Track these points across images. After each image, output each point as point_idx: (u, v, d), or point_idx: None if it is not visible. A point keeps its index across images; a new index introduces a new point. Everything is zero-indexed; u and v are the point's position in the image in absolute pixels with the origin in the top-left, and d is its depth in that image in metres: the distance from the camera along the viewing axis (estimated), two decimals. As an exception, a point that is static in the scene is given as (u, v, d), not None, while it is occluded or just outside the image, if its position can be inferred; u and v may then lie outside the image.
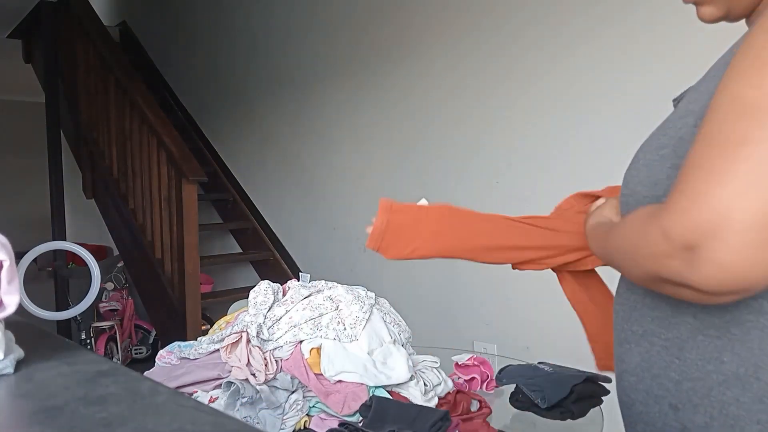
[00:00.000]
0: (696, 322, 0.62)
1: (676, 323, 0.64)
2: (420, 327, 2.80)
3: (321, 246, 3.63)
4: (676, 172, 0.61)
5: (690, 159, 0.55)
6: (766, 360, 0.57)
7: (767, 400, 0.57)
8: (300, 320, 1.27)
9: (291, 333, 1.26)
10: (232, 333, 1.26)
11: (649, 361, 0.67)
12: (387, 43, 3.13)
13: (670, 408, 0.64)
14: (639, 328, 0.69)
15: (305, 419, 1.17)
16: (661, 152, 0.66)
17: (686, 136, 0.63)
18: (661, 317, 0.66)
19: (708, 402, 0.61)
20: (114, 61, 3.77)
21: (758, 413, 0.57)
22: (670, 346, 0.64)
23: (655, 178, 0.66)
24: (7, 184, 6.67)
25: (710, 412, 0.60)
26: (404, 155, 3.06)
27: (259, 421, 1.13)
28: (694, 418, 0.62)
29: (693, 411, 0.62)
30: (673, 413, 0.64)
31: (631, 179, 0.70)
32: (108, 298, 4.57)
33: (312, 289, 1.38)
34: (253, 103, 4.11)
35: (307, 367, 1.22)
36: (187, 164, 3.16)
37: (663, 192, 0.64)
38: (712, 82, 0.62)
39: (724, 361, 0.60)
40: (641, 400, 0.68)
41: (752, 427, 0.58)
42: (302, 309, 1.30)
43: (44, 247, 3.00)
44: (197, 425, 0.45)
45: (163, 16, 5.15)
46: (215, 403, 1.18)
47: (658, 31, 2.04)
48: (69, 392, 0.52)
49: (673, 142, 0.64)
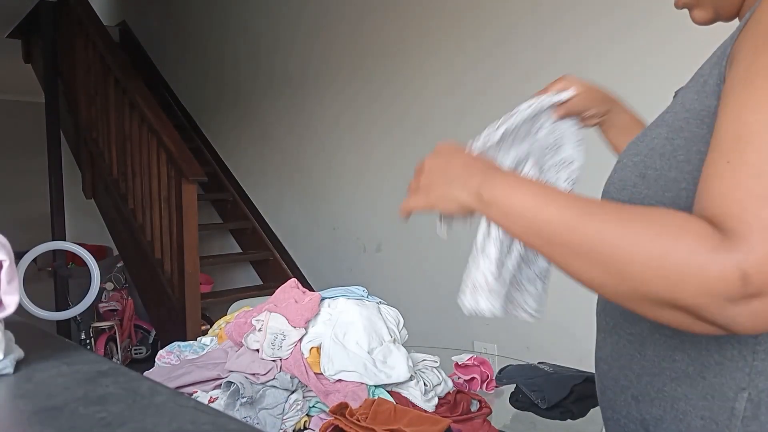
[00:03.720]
0: (655, 321, 0.62)
1: (638, 320, 0.67)
2: (420, 327, 2.81)
3: (321, 246, 3.63)
4: (642, 182, 0.63)
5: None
6: (711, 360, 0.60)
7: (710, 397, 0.60)
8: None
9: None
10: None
11: (618, 353, 0.70)
12: (387, 43, 3.13)
13: (632, 399, 0.68)
14: (611, 320, 0.71)
15: (305, 419, 1.17)
16: (634, 159, 0.67)
17: (657, 148, 0.63)
18: (627, 313, 0.68)
19: (662, 396, 0.64)
20: (113, 61, 3.77)
21: (702, 410, 0.61)
22: (633, 340, 0.68)
23: (624, 182, 0.66)
24: (7, 184, 6.66)
25: (663, 405, 0.64)
26: (404, 155, 3.06)
27: (258, 421, 1.13)
28: (651, 410, 0.65)
29: (650, 404, 0.65)
30: (635, 404, 0.67)
31: (610, 178, 0.71)
32: (108, 298, 4.57)
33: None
34: (253, 103, 4.12)
35: (307, 366, 1.22)
36: (186, 164, 3.16)
37: (628, 198, 0.64)
38: (686, 94, 0.63)
39: (675, 359, 0.63)
40: (611, 388, 0.71)
41: (697, 422, 0.61)
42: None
43: (44, 247, 3.00)
44: (197, 425, 0.45)
45: (163, 16, 5.15)
46: (215, 403, 1.18)
47: (656, 27, 2.04)
48: (68, 392, 0.52)
49: (645, 152, 0.65)
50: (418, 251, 2.99)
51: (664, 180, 0.61)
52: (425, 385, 1.29)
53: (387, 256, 3.19)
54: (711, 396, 0.60)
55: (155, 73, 5.15)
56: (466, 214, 0.69)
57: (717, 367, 0.60)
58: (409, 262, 3.04)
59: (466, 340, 2.65)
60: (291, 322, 1.25)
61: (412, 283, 3.00)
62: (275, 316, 1.26)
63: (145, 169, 3.55)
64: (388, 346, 1.30)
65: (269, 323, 1.25)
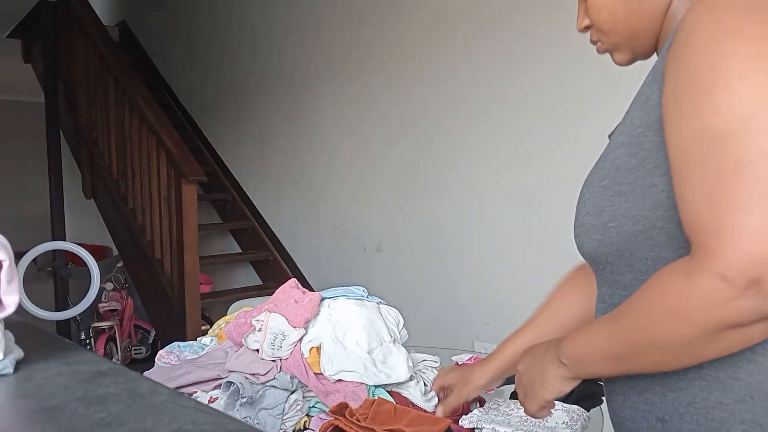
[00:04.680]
0: (727, 354, 0.63)
1: None
2: (420, 327, 2.81)
3: (320, 246, 3.63)
4: (618, 199, 0.66)
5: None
6: (743, 359, 0.59)
7: (748, 399, 0.59)
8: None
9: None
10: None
11: (634, 379, 0.68)
12: (387, 43, 3.13)
13: (658, 421, 0.66)
14: None
15: (305, 419, 1.17)
16: (601, 183, 0.69)
17: (622, 166, 0.66)
18: None
19: (693, 409, 0.62)
20: (113, 61, 3.77)
21: (741, 413, 0.59)
22: None
23: (599, 206, 0.69)
24: (7, 184, 6.66)
25: (696, 418, 0.62)
26: (404, 155, 3.06)
27: (258, 421, 1.13)
28: (681, 427, 0.63)
29: (680, 420, 0.63)
30: (661, 425, 0.65)
31: (580, 211, 0.74)
32: (107, 298, 4.57)
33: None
34: (253, 103, 4.12)
35: (307, 366, 1.22)
36: (186, 164, 3.16)
37: (608, 218, 0.67)
38: (634, 114, 0.67)
39: (702, 366, 0.61)
40: (629, 417, 0.70)
41: (737, 427, 0.59)
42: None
43: (44, 247, 3.01)
44: (197, 425, 0.45)
45: (163, 16, 5.15)
46: (215, 404, 1.18)
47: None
48: (68, 392, 0.52)
49: (611, 173, 0.68)
50: (418, 251, 2.99)
51: (640, 189, 0.64)
52: (425, 385, 1.29)
53: (387, 256, 3.19)
54: (750, 397, 0.59)
55: (155, 73, 5.15)
56: (568, 387, 0.75)
57: (750, 365, 0.59)
58: (409, 262, 3.04)
59: (466, 340, 2.65)
60: (291, 322, 1.25)
61: (412, 283, 3.00)
62: (275, 316, 1.26)
63: (145, 169, 3.55)
64: (388, 346, 1.30)
65: (269, 323, 1.25)
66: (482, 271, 2.68)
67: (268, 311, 1.28)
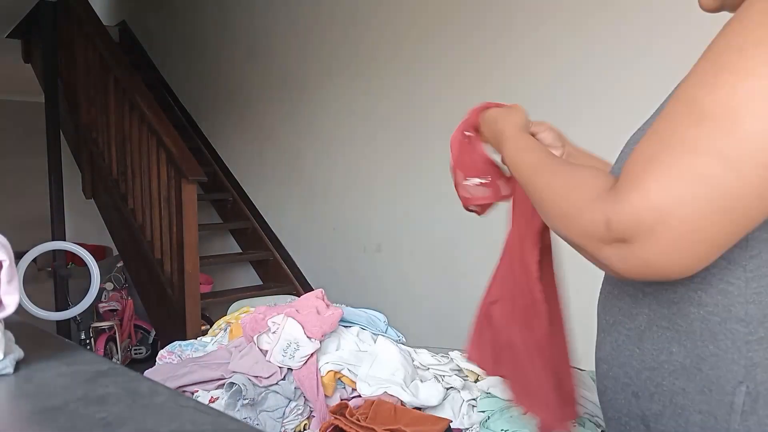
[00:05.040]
0: (651, 313, 0.65)
1: (636, 314, 0.67)
2: (420, 327, 2.81)
3: (321, 246, 3.63)
4: None
5: (643, 150, 0.56)
6: (707, 351, 0.60)
7: (707, 390, 0.60)
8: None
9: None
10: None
11: (618, 350, 0.69)
12: (389, 43, 3.13)
13: (633, 396, 0.67)
14: (610, 317, 0.72)
15: (305, 422, 1.17)
16: (634, 147, 0.68)
17: None
18: (624, 308, 0.69)
19: (661, 391, 0.64)
20: (113, 61, 3.77)
21: (700, 403, 0.60)
22: (632, 335, 0.67)
23: None
24: (7, 184, 6.66)
25: (662, 400, 0.63)
26: (405, 155, 3.06)
27: (259, 422, 1.13)
28: (650, 406, 0.65)
29: (650, 399, 0.65)
30: (635, 401, 0.67)
31: (612, 168, 0.74)
32: (107, 298, 4.57)
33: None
34: (253, 103, 4.11)
35: (320, 384, 1.21)
36: (186, 164, 3.16)
37: None
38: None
39: (672, 351, 0.63)
40: (611, 387, 0.71)
41: (695, 416, 0.61)
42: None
43: (44, 247, 3.00)
44: (197, 425, 0.45)
45: (163, 16, 5.15)
46: (215, 403, 1.18)
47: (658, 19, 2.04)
48: (68, 392, 0.52)
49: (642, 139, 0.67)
50: (418, 251, 2.99)
51: None
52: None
53: (387, 256, 3.19)
54: (709, 389, 0.60)
55: (155, 73, 5.15)
56: (494, 144, 0.91)
57: (713, 358, 0.60)
58: (409, 262, 3.04)
59: (466, 340, 2.65)
60: (307, 332, 1.24)
61: (412, 283, 3.00)
62: (292, 323, 1.24)
63: (145, 169, 3.55)
64: (416, 383, 1.29)
65: (285, 329, 1.24)
66: (482, 271, 2.68)
67: (286, 315, 1.27)
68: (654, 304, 0.65)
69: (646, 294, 0.65)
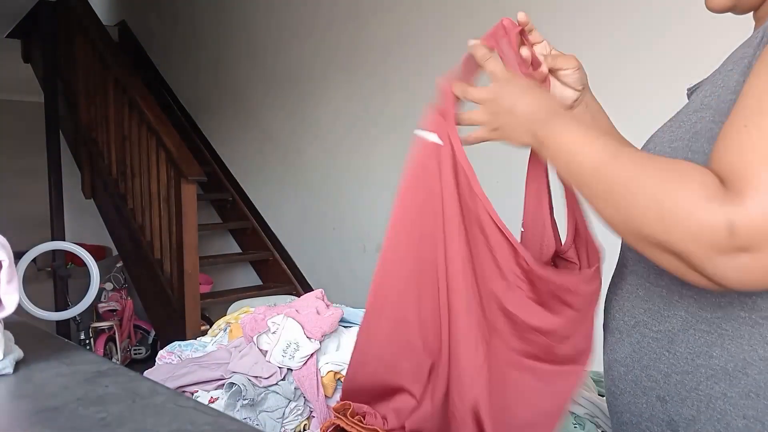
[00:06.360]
0: (688, 316, 0.62)
1: (668, 316, 0.64)
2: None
3: (320, 246, 3.63)
4: None
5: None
6: (755, 356, 0.58)
7: (754, 395, 0.58)
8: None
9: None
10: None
11: (640, 353, 0.67)
12: (388, 41, 3.13)
13: (658, 400, 0.64)
14: (631, 318, 0.69)
15: (305, 423, 1.17)
16: (673, 145, 0.65)
17: (702, 131, 0.62)
18: (653, 309, 0.66)
19: (696, 395, 0.61)
20: (113, 61, 3.77)
21: (745, 408, 0.58)
22: (660, 338, 0.65)
23: None
24: (7, 184, 6.66)
25: (697, 405, 0.61)
26: (405, 154, 3.05)
27: (258, 423, 1.13)
28: (681, 410, 0.62)
29: (681, 404, 0.62)
30: (661, 405, 0.64)
31: None
32: (107, 299, 4.56)
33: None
34: (253, 103, 4.11)
35: (320, 385, 1.21)
36: (186, 164, 3.16)
37: None
38: (729, 77, 0.61)
39: (713, 355, 0.60)
40: (630, 391, 0.68)
41: (738, 421, 0.58)
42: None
43: (43, 247, 2.99)
44: (197, 425, 0.45)
45: (163, 15, 5.15)
46: (215, 404, 1.18)
47: (658, 19, 2.04)
48: (68, 392, 0.52)
49: (687, 136, 0.64)
50: (418, 251, 2.99)
51: None
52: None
53: (387, 256, 3.19)
54: (755, 394, 0.57)
55: (155, 73, 5.15)
56: (515, 144, 0.76)
57: (762, 363, 0.57)
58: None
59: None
60: (307, 332, 1.24)
61: (411, 284, 3.00)
62: (292, 323, 1.24)
63: (145, 168, 3.55)
64: None
65: (285, 329, 1.24)
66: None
67: (286, 315, 1.26)
68: (693, 307, 0.62)
69: (684, 296, 0.62)
